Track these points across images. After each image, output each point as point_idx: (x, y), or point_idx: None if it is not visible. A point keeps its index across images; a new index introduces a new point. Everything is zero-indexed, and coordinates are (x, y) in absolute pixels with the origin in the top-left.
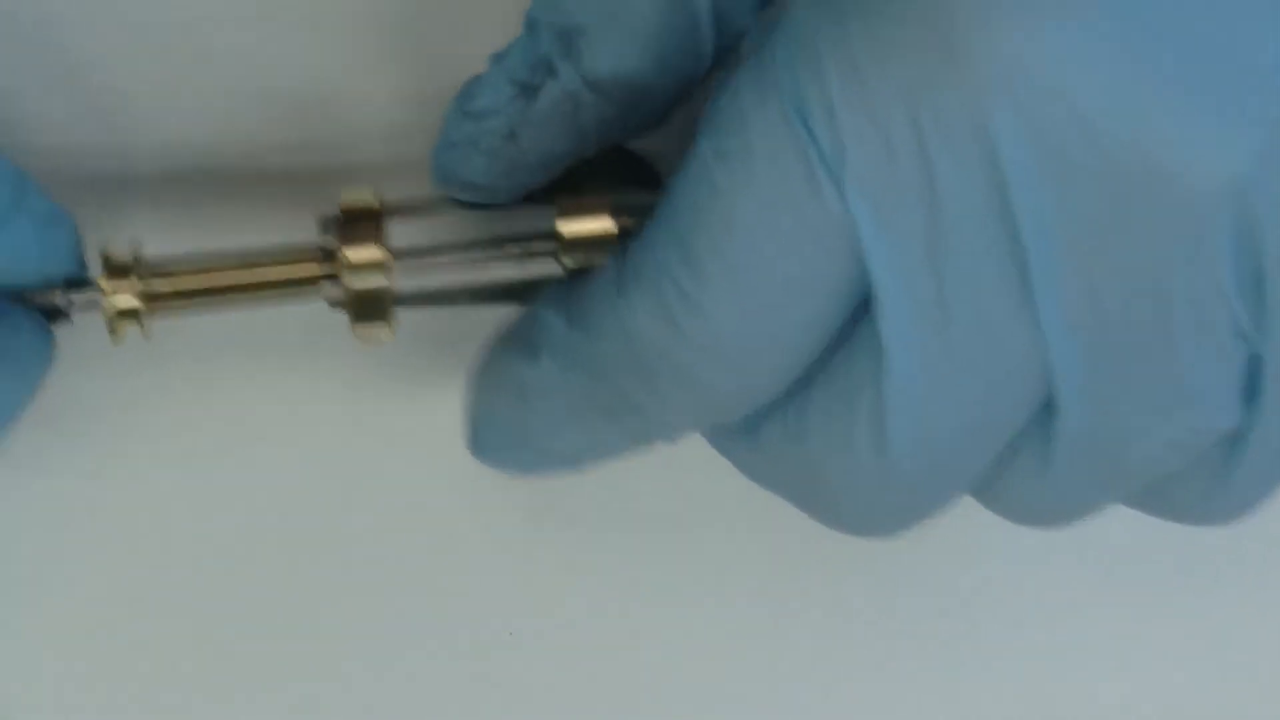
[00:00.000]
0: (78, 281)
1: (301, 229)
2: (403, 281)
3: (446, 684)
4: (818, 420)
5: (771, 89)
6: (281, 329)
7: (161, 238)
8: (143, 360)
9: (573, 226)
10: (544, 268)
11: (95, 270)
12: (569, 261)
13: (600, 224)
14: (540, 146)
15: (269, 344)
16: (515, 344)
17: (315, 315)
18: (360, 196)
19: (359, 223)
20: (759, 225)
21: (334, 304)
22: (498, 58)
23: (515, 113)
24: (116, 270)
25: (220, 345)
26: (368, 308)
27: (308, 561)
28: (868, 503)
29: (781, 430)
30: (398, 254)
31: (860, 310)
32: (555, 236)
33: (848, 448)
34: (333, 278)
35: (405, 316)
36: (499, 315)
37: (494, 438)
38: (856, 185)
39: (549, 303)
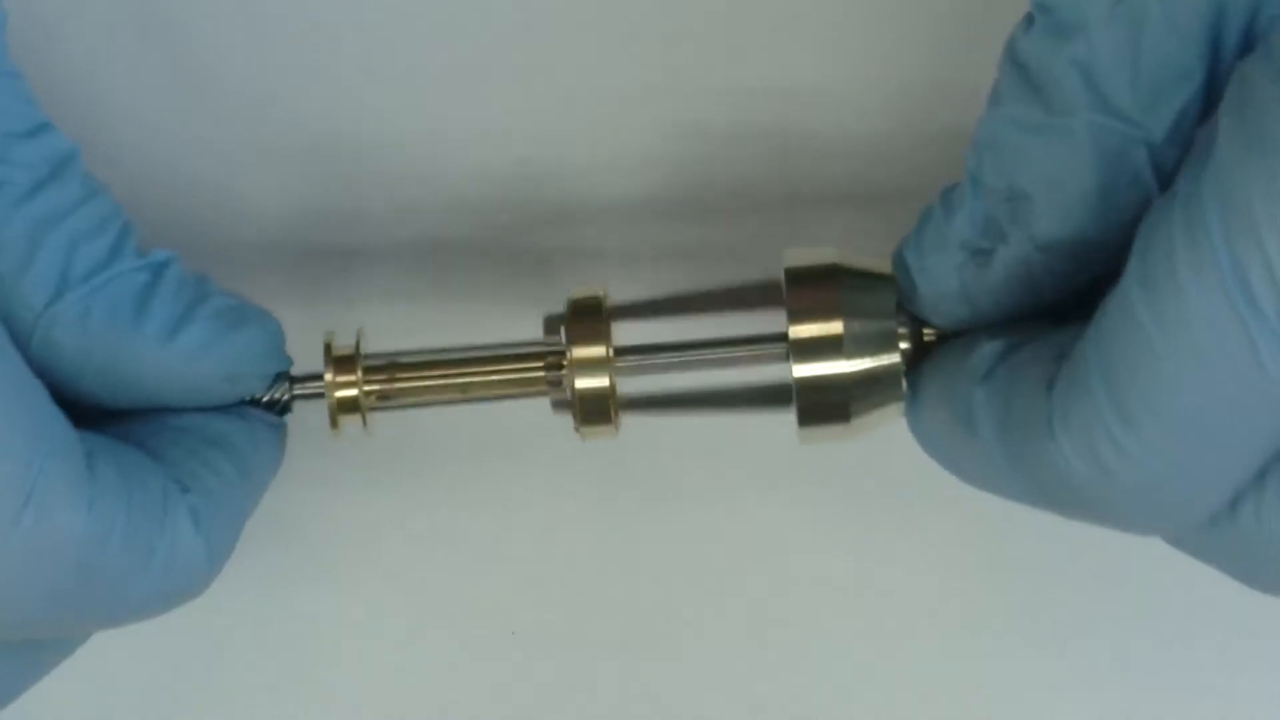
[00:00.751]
0: (299, 374)
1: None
2: (628, 382)
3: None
4: (1253, 518)
5: (1208, 255)
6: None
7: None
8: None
9: (804, 330)
10: (772, 371)
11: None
12: (798, 366)
13: (831, 327)
14: (996, 305)
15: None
16: (950, 400)
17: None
18: (589, 294)
19: (587, 321)
20: (1198, 388)
21: (558, 404)
22: (945, 211)
23: (969, 278)
24: (340, 362)
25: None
26: (593, 406)
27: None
28: None
29: (1212, 526)
30: (624, 352)
31: None
32: (785, 339)
33: None
34: (557, 378)
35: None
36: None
37: (928, 444)
38: None
39: (982, 384)
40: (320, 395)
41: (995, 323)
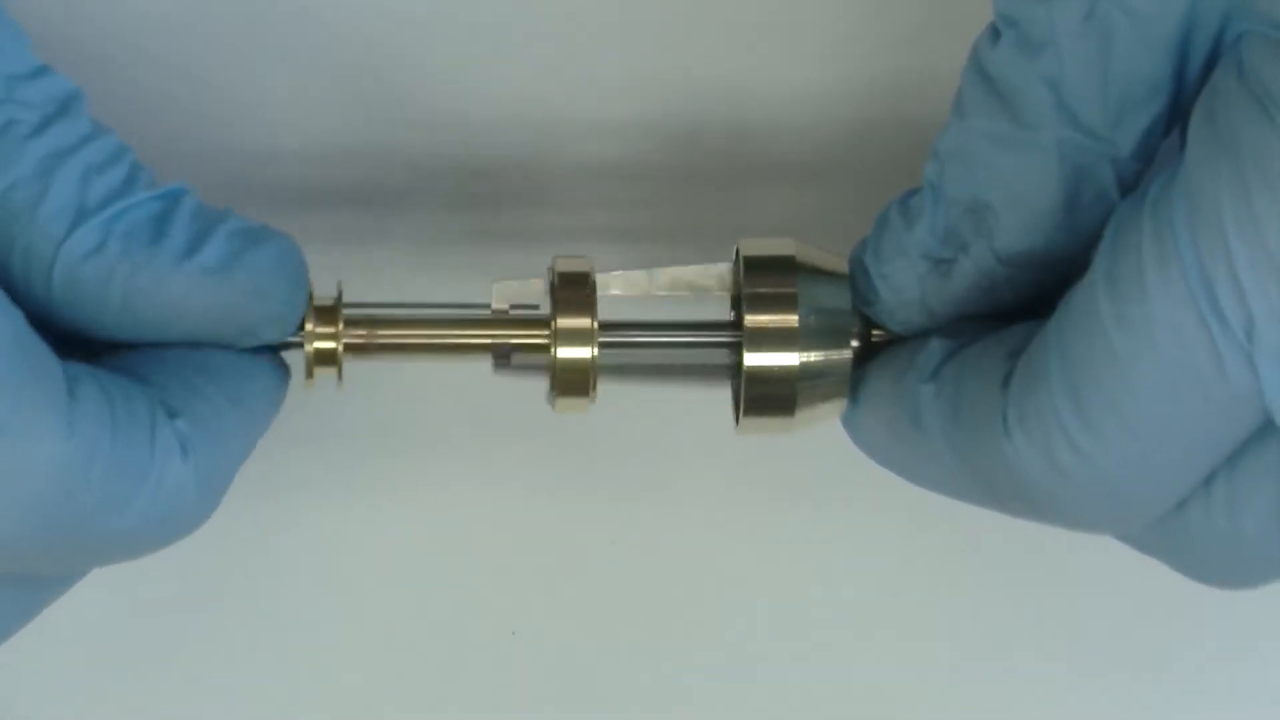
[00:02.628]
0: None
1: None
2: (605, 355)
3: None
4: (1200, 519)
5: (1174, 262)
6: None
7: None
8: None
9: (759, 319)
10: (725, 355)
11: None
12: (750, 355)
13: (787, 319)
14: (955, 314)
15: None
16: (896, 397)
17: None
18: (576, 264)
19: (574, 291)
20: (1158, 393)
21: (517, 369)
22: (905, 219)
23: (930, 287)
24: (321, 312)
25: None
26: (573, 378)
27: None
28: (1250, 569)
29: (1158, 524)
30: (608, 327)
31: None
32: (740, 326)
33: (1237, 540)
34: (539, 345)
35: None
36: None
37: (865, 443)
38: (1268, 358)
39: (930, 381)
40: (297, 345)
41: (944, 322)
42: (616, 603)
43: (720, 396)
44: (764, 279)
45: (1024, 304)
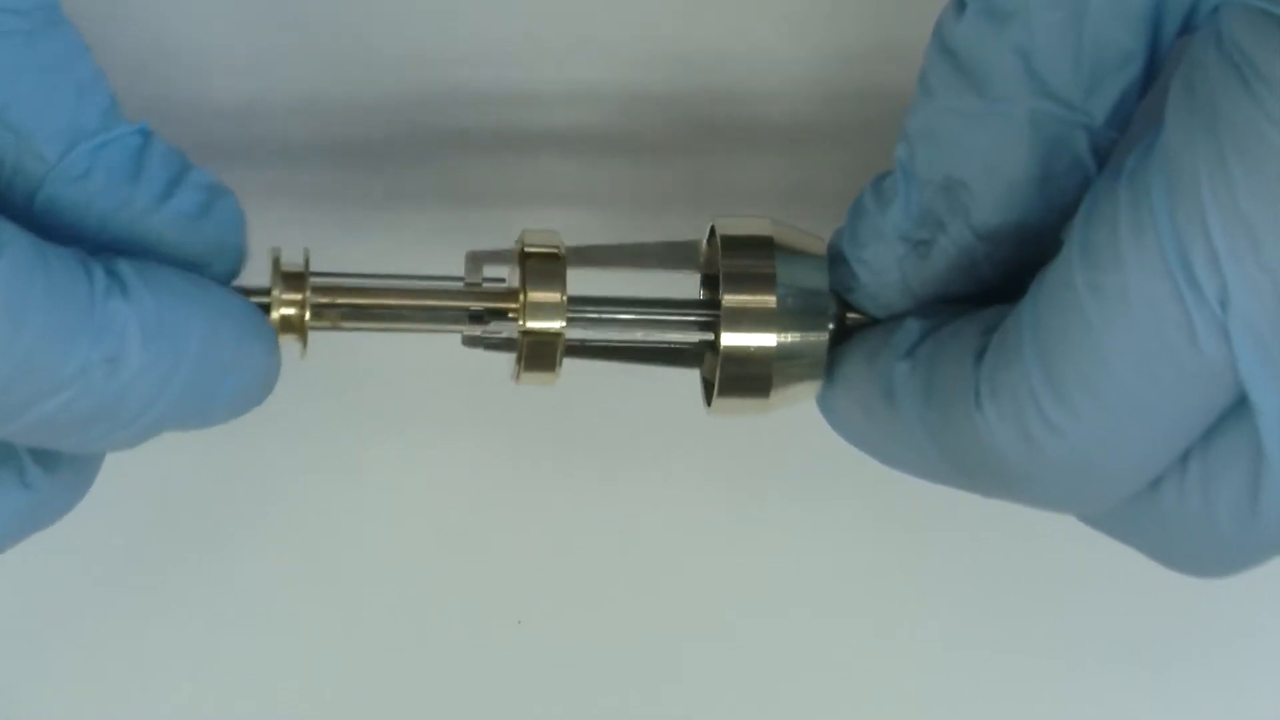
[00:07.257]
0: (239, 286)
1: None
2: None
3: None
4: (1174, 498)
5: (1150, 231)
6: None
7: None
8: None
9: (737, 299)
10: (701, 334)
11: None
12: (727, 335)
13: (765, 299)
14: (937, 295)
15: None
16: (871, 376)
17: None
18: (547, 238)
19: (545, 263)
20: (1131, 365)
21: (490, 345)
22: (879, 203)
23: (909, 269)
24: (289, 279)
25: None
26: (540, 352)
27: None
28: (1222, 554)
29: (1132, 504)
30: (578, 302)
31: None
32: (717, 305)
33: (1211, 521)
34: (505, 316)
35: None
36: None
37: (839, 424)
38: (1242, 329)
39: (905, 359)
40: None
41: (929, 303)
42: (597, 589)
43: (690, 378)
44: (742, 258)
45: (1006, 281)
